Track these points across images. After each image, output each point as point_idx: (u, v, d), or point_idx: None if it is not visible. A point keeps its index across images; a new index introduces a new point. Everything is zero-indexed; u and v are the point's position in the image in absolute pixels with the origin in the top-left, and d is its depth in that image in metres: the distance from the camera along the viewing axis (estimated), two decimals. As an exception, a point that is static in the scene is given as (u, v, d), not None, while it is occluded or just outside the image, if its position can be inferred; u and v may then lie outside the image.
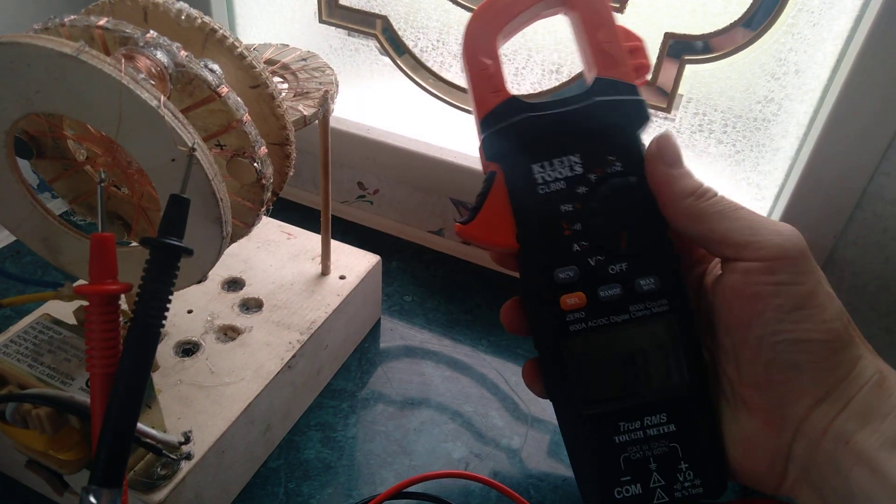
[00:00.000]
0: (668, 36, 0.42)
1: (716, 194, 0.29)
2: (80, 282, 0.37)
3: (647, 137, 0.31)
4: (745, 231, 0.28)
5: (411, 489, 0.37)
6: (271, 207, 0.34)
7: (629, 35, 0.32)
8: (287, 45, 0.42)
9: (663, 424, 0.30)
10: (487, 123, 0.31)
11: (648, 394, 0.30)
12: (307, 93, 0.38)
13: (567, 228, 0.30)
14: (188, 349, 0.39)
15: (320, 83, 0.38)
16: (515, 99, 0.31)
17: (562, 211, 0.30)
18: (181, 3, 0.30)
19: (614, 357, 0.30)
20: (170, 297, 0.24)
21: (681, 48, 0.43)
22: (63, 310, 0.37)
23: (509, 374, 0.46)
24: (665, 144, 0.29)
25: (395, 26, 0.50)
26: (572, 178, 0.30)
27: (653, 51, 0.43)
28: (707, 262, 0.32)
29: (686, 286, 0.30)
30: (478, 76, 0.32)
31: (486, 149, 0.31)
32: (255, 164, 0.30)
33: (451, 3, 0.47)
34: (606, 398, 0.30)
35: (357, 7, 0.51)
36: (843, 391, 0.27)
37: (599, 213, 0.30)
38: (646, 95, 0.34)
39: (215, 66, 0.30)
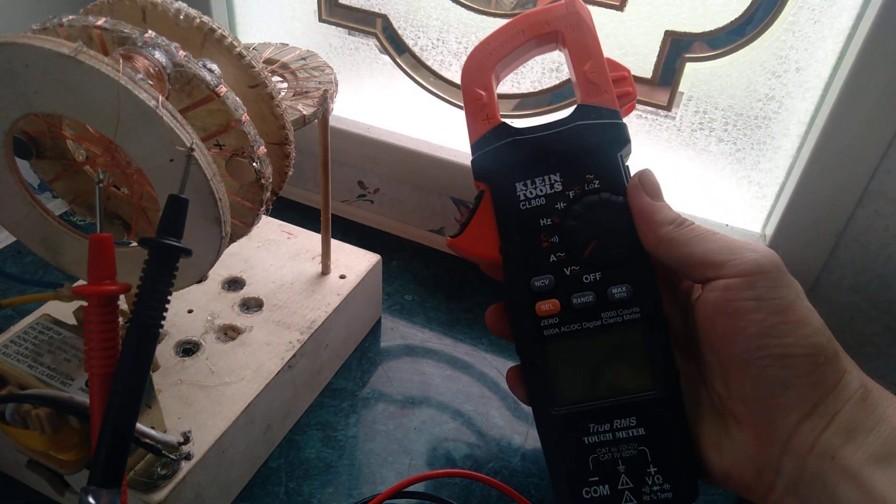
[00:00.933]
0: (668, 34, 0.42)
1: (693, 223, 0.30)
2: (80, 282, 0.38)
3: (630, 163, 0.33)
4: (723, 251, 0.29)
5: (412, 489, 0.37)
6: (271, 207, 0.34)
7: (616, 66, 0.35)
8: (286, 45, 0.42)
9: (632, 428, 0.31)
10: (478, 146, 0.34)
11: (617, 397, 0.31)
12: (307, 92, 0.38)
13: (545, 241, 0.32)
14: (188, 349, 0.39)
15: (320, 82, 0.38)
16: (505, 125, 0.34)
17: (541, 224, 0.32)
18: (180, 2, 0.30)
19: (585, 361, 0.31)
20: (169, 298, 0.24)
21: (681, 46, 0.43)
22: (63, 310, 0.37)
23: (510, 373, 0.46)
24: (647, 177, 0.32)
25: (395, 25, 0.50)
26: (552, 195, 0.33)
27: (653, 49, 0.43)
28: (690, 283, 0.33)
29: (660, 294, 0.31)
30: (472, 105, 0.35)
31: (475, 169, 0.34)
32: (255, 164, 0.30)
33: (450, 2, 0.47)
34: (577, 400, 0.31)
35: (357, 6, 0.51)
36: (829, 406, 0.27)
37: (575, 226, 0.32)
38: (646, 95, 0.36)
39: (214, 66, 0.30)
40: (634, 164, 0.35)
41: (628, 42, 0.44)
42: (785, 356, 0.28)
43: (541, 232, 0.33)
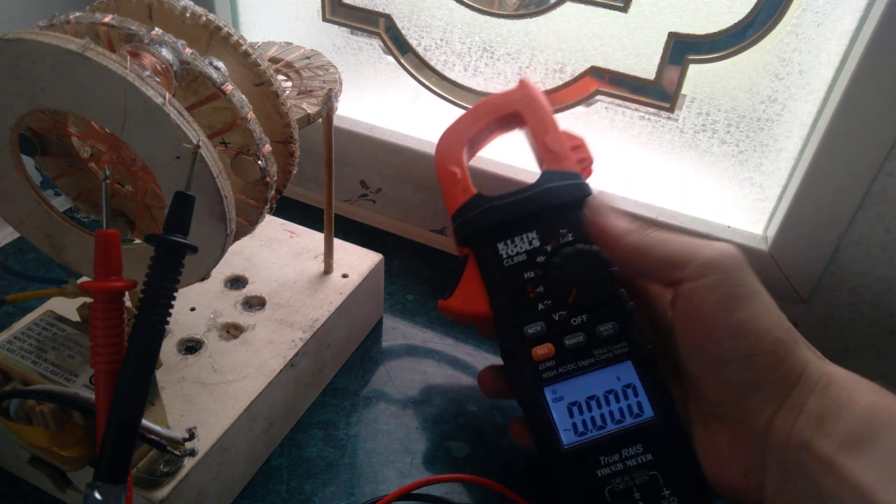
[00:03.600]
0: (671, 36, 0.42)
1: (652, 228, 0.32)
2: (84, 279, 0.38)
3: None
4: (686, 250, 0.31)
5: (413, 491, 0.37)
6: (275, 205, 0.34)
7: (571, 137, 0.39)
8: (291, 44, 0.42)
9: (640, 455, 0.32)
10: (457, 216, 0.38)
11: (620, 425, 0.33)
12: (311, 91, 0.38)
13: (532, 292, 0.35)
14: (191, 347, 0.39)
15: (324, 81, 0.38)
16: (480, 195, 0.38)
17: (525, 278, 0.36)
18: (186, 0, 0.30)
19: (585, 397, 0.33)
20: (174, 294, 0.24)
21: (685, 48, 0.43)
22: (66, 307, 0.37)
23: (511, 373, 0.46)
24: (594, 202, 0.35)
25: (399, 25, 0.50)
26: (532, 251, 0.36)
27: (656, 50, 0.43)
28: (664, 297, 0.35)
29: (641, 328, 0.34)
30: (448, 181, 0.39)
31: (458, 237, 0.38)
32: (260, 162, 0.30)
33: (454, 2, 0.47)
34: (583, 433, 0.33)
35: (360, 5, 0.51)
36: (796, 398, 0.28)
37: (557, 276, 0.35)
38: (648, 96, 0.38)
39: (220, 64, 0.30)
40: (636, 165, 0.35)
41: (631, 44, 0.44)
42: (749, 356, 0.29)
43: (526, 284, 0.35)
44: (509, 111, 0.40)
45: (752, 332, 0.29)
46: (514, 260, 0.36)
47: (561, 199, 0.37)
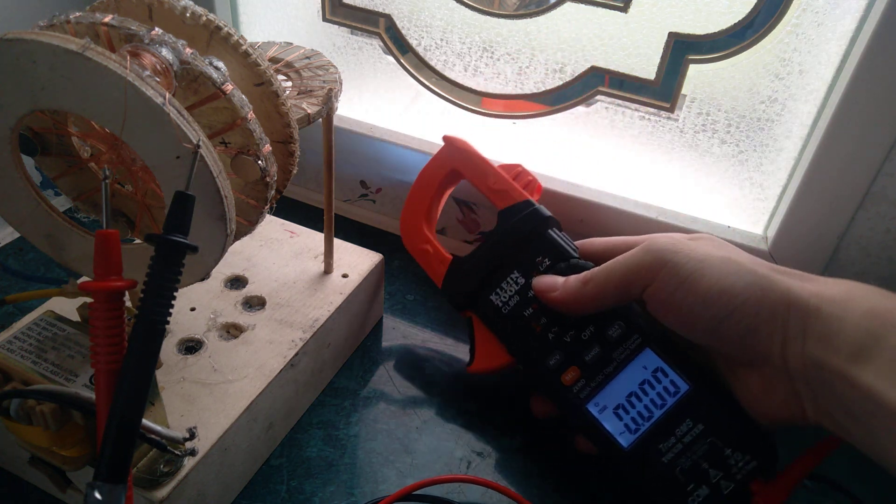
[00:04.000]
0: (671, 36, 0.42)
1: (595, 273, 0.35)
2: (84, 278, 0.38)
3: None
4: (625, 272, 0.33)
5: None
6: (275, 205, 0.34)
7: (509, 168, 0.43)
8: (291, 44, 0.42)
9: (692, 429, 0.34)
10: (444, 288, 0.42)
11: (664, 410, 0.34)
12: (311, 91, 0.38)
13: (537, 326, 0.38)
14: (191, 347, 0.39)
15: (324, 81, 0.38)
16: (456, 258, 0.42)
17: (527, 316, 0.38)
18: (186, 0, 0.30)
19: (625, 396, 0.35)
20: (175, 294, 0.24)
21: (685, 48, 0.43)
22: (66, 306, 0.37)
23: (511, 373, 0.46)
24: (538, 285, 0.37)
25: (399, 25, 0.50)
26: (521, 289, 0.39)
27: (657, 50, 0.43)
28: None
29: (643, 315, 0.36)
30: (423, 260, 0.43)
31: (454, 304, 0.41)
32: (260, 162, 0.30)
33: (454, 2, 0.47)
34: (636, 430, 0.35)
35: (360, 5, 0.51)
36: (795, 325, 0.30)
37: (548, 307, 0.37)
38: (648, 96, 0.38)
39: (220, 64, 0.30)
40: (637, 166, 0.36)
41: (632, 44, 0.44)
42: (730, 313, 0.31)
43: (530, 322, 0.38)
44: (447, 171, 0.44)
45: (720, 294, 0.31)
46: (510, 304, 0.39)
47: (524, 232, 0.39)
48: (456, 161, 0.43)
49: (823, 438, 0.32)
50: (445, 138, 0.44)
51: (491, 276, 0.39)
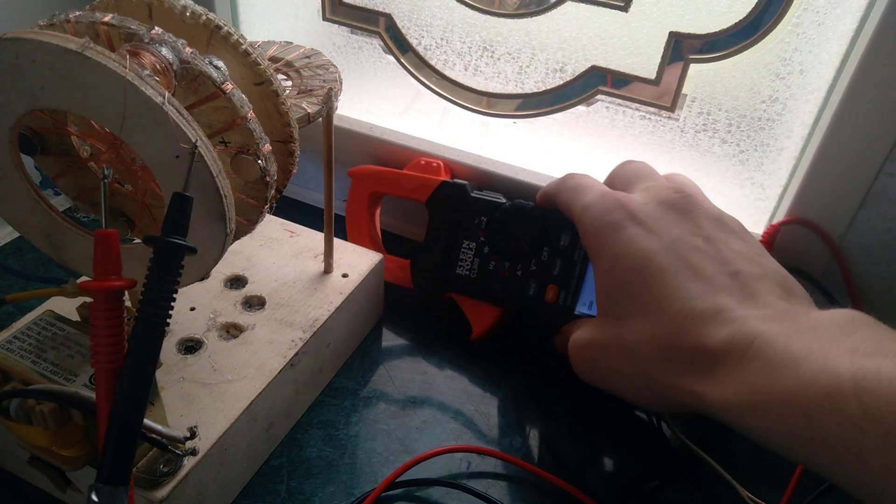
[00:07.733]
0: (672, 35, 0.42)
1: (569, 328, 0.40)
2: (84, 278, 0.38)
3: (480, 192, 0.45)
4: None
5: (409, 477, 0.37)
6: (275, 205, 0.34)
7: (414, 166, 0.49)
8: (291, 43, 0.42)
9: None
10: (417, 287, 0.48)
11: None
12: (311, 90, 0.38)
13: (504, 272, 0.43)
14: (191, 347, 0.39)
15: (324, 80, 0.38)
16: (413, 259, 0.48)
17: (491, 269, 0.44)
18: (186, -1, 0.30)
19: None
20: (174, 295, 0.24)
21: (685, 47, 0.43)
22: (66, 306, 0.37)
23: (512, 373, 0.46)
24: (562, 343, 0.40)
25: (399, 24, 0.50)
26: (476, 252, 0.44)
27: (657, 50, 0.43)
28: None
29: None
30: (390, 276, 0.49)
31: (431, 299, 0.47)
32: (259, 161, 0.30)
33: (454, 1, 0.47)
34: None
35: (360, 5, 0.51)
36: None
37: (505, 244, 0.43)
38: (648, 96, 0.38)
39: (220, 63, 0.30)
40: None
41: (632, 43, 0.44)
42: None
43: (496, 271, 0.44)
44: (367, 196, 0.50)
45: (622, 256, 0.35)
46: (475, 268, 0.44)
47: (452, 206, 0.45)
48: (369, 185, 0.49)
49: None
50: (350, 173, 0.50)
51: (447, 256, 0.44)
